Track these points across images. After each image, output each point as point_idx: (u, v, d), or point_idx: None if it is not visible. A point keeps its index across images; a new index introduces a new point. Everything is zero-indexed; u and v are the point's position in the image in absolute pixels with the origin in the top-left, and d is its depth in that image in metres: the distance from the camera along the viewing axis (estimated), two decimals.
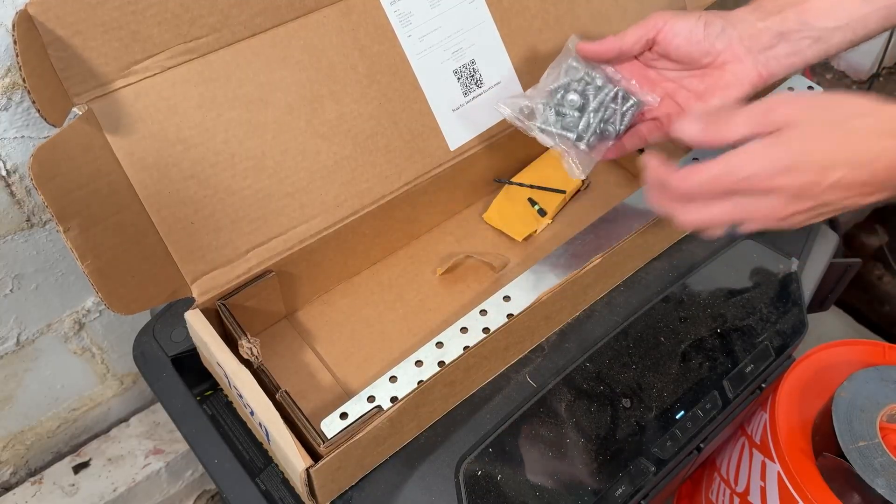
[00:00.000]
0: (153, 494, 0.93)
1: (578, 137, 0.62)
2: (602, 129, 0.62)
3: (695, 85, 0.60)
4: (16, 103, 0.61)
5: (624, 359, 0.64)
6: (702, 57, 0.58)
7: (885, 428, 0.72)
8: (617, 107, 0.61)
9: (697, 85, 0.60)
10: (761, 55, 0.57)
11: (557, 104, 0.62)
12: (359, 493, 0.56)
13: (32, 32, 0.48)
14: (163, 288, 0.57)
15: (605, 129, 0.62)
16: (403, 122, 0.67)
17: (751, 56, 0.57)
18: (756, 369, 0.67)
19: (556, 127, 0.62)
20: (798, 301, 0.71)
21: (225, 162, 0.58)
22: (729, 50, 0.58)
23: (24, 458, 0.87)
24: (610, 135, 0.62)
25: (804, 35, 0.56)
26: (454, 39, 0.69)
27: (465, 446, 0.58)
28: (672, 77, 0.61)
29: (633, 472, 0.60)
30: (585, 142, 0.62)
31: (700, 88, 0.60)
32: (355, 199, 0.65)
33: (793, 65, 0.58)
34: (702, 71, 0.60)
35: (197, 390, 0.64)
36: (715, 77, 0.59)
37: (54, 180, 0.49)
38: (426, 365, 0.57)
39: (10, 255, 0.70)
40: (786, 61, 0.58)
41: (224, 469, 0.58)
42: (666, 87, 0.61)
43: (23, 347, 0.78)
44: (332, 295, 0.70)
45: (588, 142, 0.62)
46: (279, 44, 0.60)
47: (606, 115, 0.62)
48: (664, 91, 0.61)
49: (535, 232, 0.74)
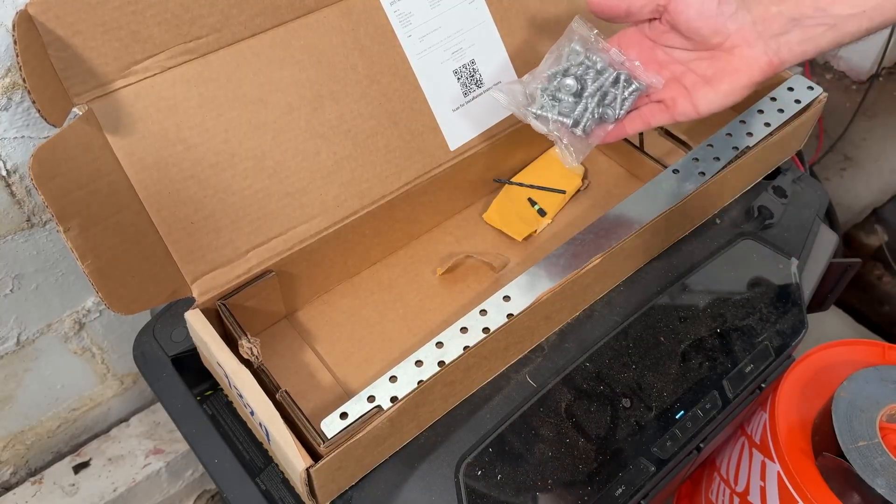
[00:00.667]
0: (153, 494, 0.93)
1: (574, 123, 0.60)
2: (601, 113, 0.60)
3: (703, 68, 0.59)
4: (16, 103, 0.61)
5: (624, 359, 0.64)
6: (712, 35, 0.57)
7: (885, 428, 0.72)
8: (617, 91, 0.60)
9: (706, 69, 0.59)
10: (773, 41, 0.56)
11: (554, 89, 0.61)
12: (359, 493, 0.56)
13: (32, 32, 0.48)
14: (163, 288, 0.57)
15: (604, 113, 0.60)
16: (403, 122, 0.67)
17: (762, 41, 0.56)
18: (756, 369, 0.67)
19: (552, 113, 0.60)
20: (798, 301, 0.71)
21: (225, 162, 0.58)
22: (740, 33, 0.56)
23: (24, 457, 0.87)
24: (609, 119, 0.61)
25: (819, 22, 0.55)
26: (454, 39, 0.69)
27: (465, 446, 0.58)
28: (680, 58, 0.60)
29: (633, 472, 0.60)
30: (581, 127, 0.60)
31: (709, 73, 0.58)
32: (355, 199, 0.65)
33: (804, 52, 0.56)
34: (711, 53, 0.58)
35: (197, 390, 0.64)
36: (724, 61, 0.58)
37: (54, 180, 0.49)
38: (426, 365, 0.57)
39: (10, 255, 0.70)
40: (798, 48, 0.56)
41: (224, 469, 0.58)
42: (674, 70, 0.60)
43: (23, 347, 0.78)
44: (332, 295, 0.70)
45: (584, 127, 0.60)
46: (279, 44, 0.60)
47: (606, 100, 0.60)
48: (672, 73, 0.60)
49: (535, 232, 0.74)
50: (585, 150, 0.61)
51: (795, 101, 0.74)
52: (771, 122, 0.73)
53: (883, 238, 1.45)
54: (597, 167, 0.81)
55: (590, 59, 0.61)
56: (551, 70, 0.61)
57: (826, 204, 0.79)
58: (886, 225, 1.45)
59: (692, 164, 0.69)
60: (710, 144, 0.71)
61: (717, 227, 0.73)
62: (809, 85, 0.76)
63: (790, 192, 0.77)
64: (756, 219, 0.74)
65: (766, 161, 0.75)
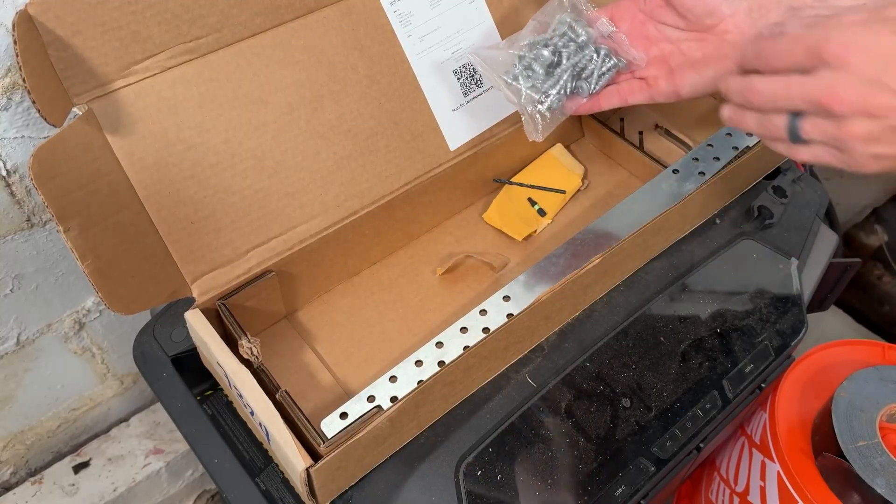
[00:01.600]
0: (153, 494, 0.93)
1: (544, 96, 0.59)
2: (576, 86, 0.59)
3: (692, 50, 0.58)
4: (16, 103, 0.61)
5: (624, 359, 0.64)
6: (706, 16, 0.56)
7: (885, 428, 0.72)
8: (595, 66, 0.58)
9: (695, 51, 0.57)
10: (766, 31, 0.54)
11: (531, 59, 0.59)
12: (359, 493, 0.56)
13: (32, 32, 0.48)
14: (163, 288, 0.57)
15: (578, 86, 0.59)
16: (403, 122, 0.67)
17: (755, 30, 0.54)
18: (756, 369, 0.67)
19: (525, 84, 0.59)
20: (798, 301, 0.71)
21: (225, 162, 0.58)
22: (734, 18, 0.55)
23: (24, 457, 0.87)
24: (583, 92, 0.60)
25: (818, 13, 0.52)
26: (454, 39, 0.69)
27: (465, 446, 0.58)
28: (671, 37, 0.59)
29: (632, 472, 0.60)
30: (548, 104, 0.59)
31: (697, 55, 0.57)
32: (355, 199, 0.65)
33: None
34: (702, 35, 0.57)
35: (197, 390, 0.64)
36: (714, 45, 0.56)
37: (54, 180, 0.49)
38: (426, 365, 0.57)
39: (10, 255, 0.70)
40: None
41: (224, 469, 0.58)
42: (662, 48, 0.59)
43: (23, 347, 0.78)
44: (332, 295, 0.70)
45: (552, 104, 0.59)
46: (279, 44, 0.60)
47: (583, 74, 0.59)
48: (659, 52, 0.59)
49: (535, 232, 0.74)
50: (553, 125, 0.60)
51: None
52: None
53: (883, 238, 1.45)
54: (597, 167, 0.81)
55: (574, 31, 0.59)
56: (531, 39, 0.60)
57: (826, 204, 0.79)
58: (886, 225, 1.45)
59: (692, 164, 0.69)
60: (710, 144, 0.71)
61: (717, 227, 0.73)
62: None
63: (790, 192, 0.77)
64: (756, 219, 0.74)
65: (766, 161, 0.75)
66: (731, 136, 0.72)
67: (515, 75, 0.60)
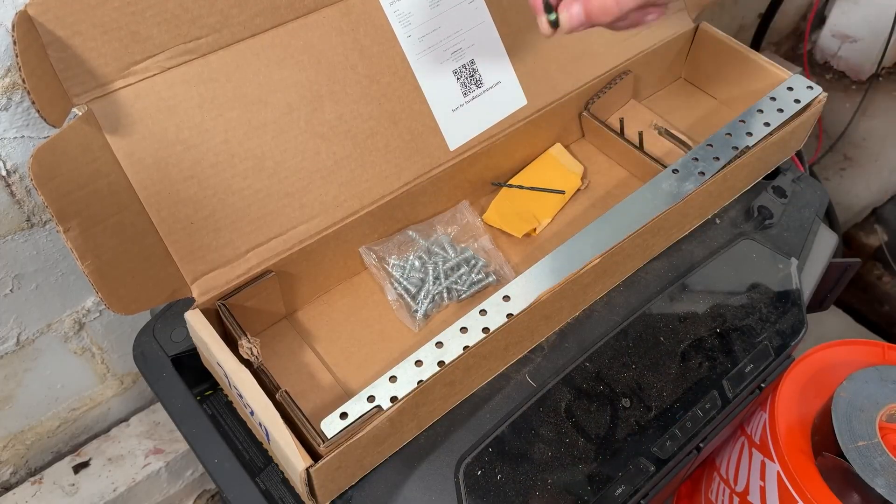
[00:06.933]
0: (153, 494, 0.93)
1: (413, 298, 0.67)
2: (445, 288, 0.67)
3: None
4: (16, 103, 0.61)
5: (624, 359, 0.64)
6: None
7: (885, 428, 0.72)
8: (469, 277, 0.68)
9: None
10: None
11: (406, 261, 0.68)
12: (359, 493, 0.56)
13: (32, 33, 0.48)
14: (163, 288, 0.57)
15: (449, 288, 0.67)
16: (403, 122, 0.67)
17: None
18: (755, 369, 0.67)
19: (402, 280, 0.67)
20: (797, 301, 0.71)
21: (225, 162, 0.58)
22: None
23: (24, 457, 0.87)
24: (453, 297, 0.67)
25: None
26: (454, 39, 0.69)
27: (464, 446, 0.58)
28: None
29: (632, 472, 0.60)
30: (419, 307, 0.66)
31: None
32: (355, 199, 0.65)
33: None
34: None
35: (197, 390, 0.64)
36: None
37: (54, 180, 0.49)
38: (426, 365, 0.57)
39: (10, 255, 0.70)
40: None
41: (224, 469, 0.58)
42: None
43: (23, 347, 0.78)
44: (332, 295, 0.70)
45: (422, 307, 0.66)
46: (279, 44, 0.60)
47: (454, 277, 0.68)
48: None
49: (535, 230, 0.74)
50: (422, 322, 0.66)
51: (795, 100, 0.75)
52: (770, 122, 0.73)
53: (883, 238, 1.45)
54: (596, 167, 0.81)
55: (455, 249, 0.68)
56: (412, 244, 0.69)
57: (826, 204, 0.79)
58: (886, 225, 1.46)
59: (692, 164, 0.69)
60: (709, 144, 0.71)
61: (716, 227, 0.73)
62: (809, 84, 0.76)
63: (790, 192, 0.77)
64: (756, 219, 0.74)
65: (765, 161, 0.75)
66: (730, 136, 0.72)
67: (393, 265, 0.68)
